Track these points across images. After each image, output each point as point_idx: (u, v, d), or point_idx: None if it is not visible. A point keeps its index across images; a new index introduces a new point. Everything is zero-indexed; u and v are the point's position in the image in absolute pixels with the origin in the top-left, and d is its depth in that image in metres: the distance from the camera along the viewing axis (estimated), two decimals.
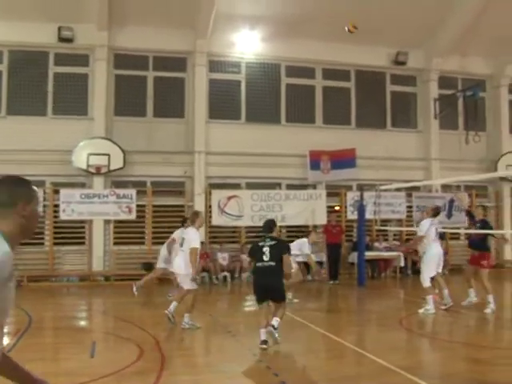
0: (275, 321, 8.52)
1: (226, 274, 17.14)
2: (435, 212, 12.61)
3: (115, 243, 17.55)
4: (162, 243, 13.93)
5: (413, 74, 21.00)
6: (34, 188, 2.69)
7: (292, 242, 12.84)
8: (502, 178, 21.04)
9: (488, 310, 11.79)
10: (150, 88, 18.28)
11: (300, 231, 17.76)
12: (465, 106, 20.72)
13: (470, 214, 13.48)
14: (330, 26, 18.16)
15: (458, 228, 17.49)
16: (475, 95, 19.96)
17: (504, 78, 21.67)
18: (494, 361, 7.99)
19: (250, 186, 18.59)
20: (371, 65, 20.14)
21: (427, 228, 12.16)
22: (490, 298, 11.88)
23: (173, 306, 10.04)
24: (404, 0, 17.78)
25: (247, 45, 18.63)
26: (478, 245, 12.59)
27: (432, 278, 11.97)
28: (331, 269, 17.70)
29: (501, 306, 13.37)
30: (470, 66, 21.09)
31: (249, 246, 14.50)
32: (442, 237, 14.11)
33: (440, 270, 12.33)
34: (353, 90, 20.22)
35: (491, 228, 13.54)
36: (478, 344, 8.93)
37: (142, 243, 17.69)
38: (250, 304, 14.02)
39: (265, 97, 19.34)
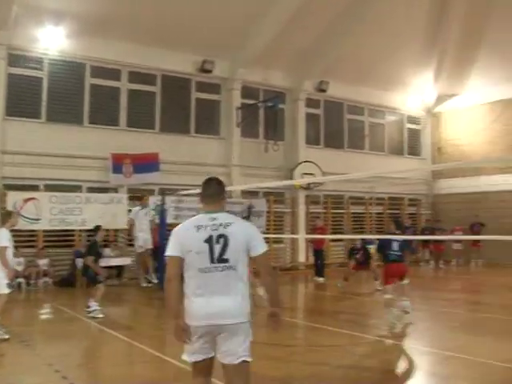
0: None
1: (20, 280, 16.23)
2: None
3: None
4: None
5: (218, 82, 21.49)
6: None
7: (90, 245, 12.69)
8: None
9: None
10: None
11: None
12: (265, 116, 21.70)
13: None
14: (139, 29, 18.15)
15: None
16: (275, 106, 21.00)
17: (302, 92, 23.00)
18: (289, 357, 8.55)
19: (49, 188, 17.75)
20: (178, 71, 20.33)
21: None
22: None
23: None
24: (212, 10, 18.16)
25: (51, 41, 17.80)
26: None
27: None
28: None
29: (295, 306, 14.18)
30: (272, 78, 22.15)
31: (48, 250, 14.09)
32: None
33: None
34: (158, 94, 20.24)
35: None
36: (273, 342, 9.41)
37: None
38: (47, 312, 13.63)
39: (68, 96, 18.65)
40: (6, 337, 9.42)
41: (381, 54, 22.58)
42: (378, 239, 12.67)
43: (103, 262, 13.92)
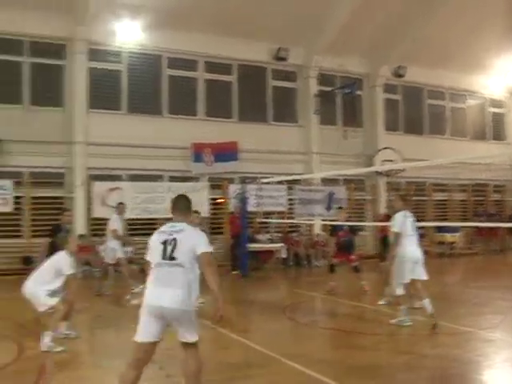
0: None
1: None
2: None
3: None
4: (42, 236, 13.40)
5: (293, 69, 21.34)
6: None
7: None
8: (378, 173, 21.82)
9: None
10: (26, 74, 17.38)
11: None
12: (343, 103, 21.40)
13: None
14: (213, 19, 18.18)
15: (337, 221, 17.79)
16: (352, 93, 20.65)
17: (379, 77, 22.56)
18: (374, 346, 8.25)
19: (132, 178, 18.15)
20: (253, 59, 20.31)
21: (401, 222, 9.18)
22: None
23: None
24: None
25: (128, 34, 18.11)
26: None
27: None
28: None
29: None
30: (348, 64, 21.81)
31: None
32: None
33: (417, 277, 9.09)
34: (235, 83, 20.26)
35: None
36: (359, 331, 9.18)
37: (20, 236, 16.81)
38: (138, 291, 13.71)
39: (146, 88, 19.02)
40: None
41: (461, 36, 21.85)
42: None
43: None
